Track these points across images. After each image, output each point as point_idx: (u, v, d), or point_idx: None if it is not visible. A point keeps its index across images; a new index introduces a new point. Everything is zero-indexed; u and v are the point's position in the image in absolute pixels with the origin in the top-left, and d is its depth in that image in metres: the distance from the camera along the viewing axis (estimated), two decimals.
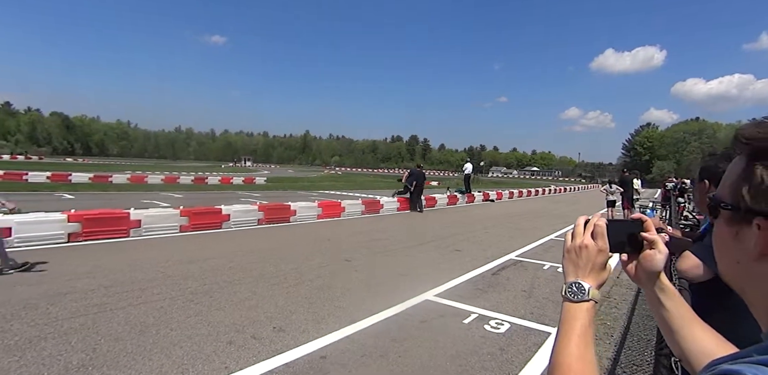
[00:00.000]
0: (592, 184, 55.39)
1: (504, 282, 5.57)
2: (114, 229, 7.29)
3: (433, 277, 5.59)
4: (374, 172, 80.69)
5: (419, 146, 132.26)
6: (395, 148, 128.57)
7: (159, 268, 5.48)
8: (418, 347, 3.38)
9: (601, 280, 0.77)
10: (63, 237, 6.74)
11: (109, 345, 3.18)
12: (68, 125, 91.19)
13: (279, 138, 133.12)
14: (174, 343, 3.26)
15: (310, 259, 6.39)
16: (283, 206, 10.35)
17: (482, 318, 4.13)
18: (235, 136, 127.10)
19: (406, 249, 7.52)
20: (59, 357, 2.96)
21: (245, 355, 3.11)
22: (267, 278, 5.26)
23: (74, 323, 3.56)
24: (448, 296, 4.81)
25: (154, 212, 8.07)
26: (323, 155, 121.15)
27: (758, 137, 0.50)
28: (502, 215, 14.37)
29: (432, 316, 4.14)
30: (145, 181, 22.93)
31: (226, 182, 25.40)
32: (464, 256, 7.16)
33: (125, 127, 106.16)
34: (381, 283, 5.27)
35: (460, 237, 9.16)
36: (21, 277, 4.81)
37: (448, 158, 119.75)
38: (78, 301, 4.12)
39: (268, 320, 3.83)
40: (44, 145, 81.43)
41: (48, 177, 20.32)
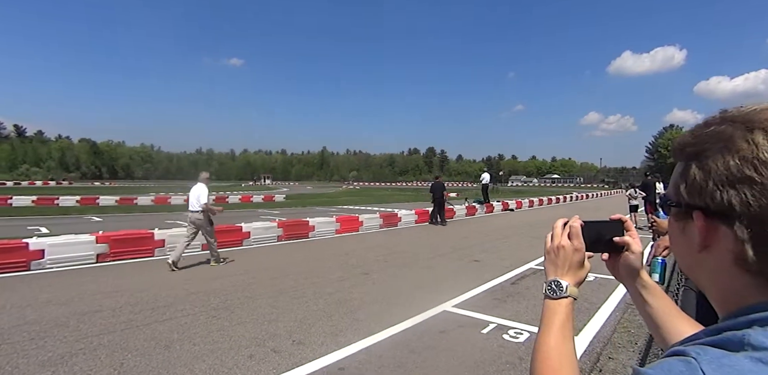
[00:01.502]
0: (616, 190, 54.09)
1: (523, 291, 5.52)
2: (139, 249, 7.53)
3: (451, 288, 5.58)
4: (392, 185, 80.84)
5: (437, 158, 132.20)
6: (412, 161, 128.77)
7: (183, 286, 5.63)
8: (436, 358, 3.38)
9: (579, 277, 0.82)
10: (92, 257, 7.00)
11: (135, 360, 3.30)
12: (95, 151, 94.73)
13: (297, 155, 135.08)
14: (197, 358, 3.35)
15: (329, 274, 6.46)
16: (301, 222, 10.49)
17: (501, 327, 4.10)
18: (254, 155, 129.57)
19: (425, 261, 7.52)
20: (89, 372, 3.08)
21: (265, 368, 3.17)
22: (286, 293, 5.35)
23: (103, 340, 3.70)
24: (466, 307, 4.80)
25: (177, 232, 8.31)
26: (341, 171, 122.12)
27: (692, 142, 0.56)
28: (521, 224, 14.20)
29: (450, 326, 4.14)
30: (168, 202, 23.60)
31: (247, 200, 25.87)
32: (483, 266, 7.12)
33: (149, 151, 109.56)
34: (399, 295, 5.28)
35: (478, 247, 9.10)
36: (52, 296, 5.02)
37: (466, 169, 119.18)
38: (106, 318, 4.27)
39: (287, 334, 3.90)
40: (74, 170, 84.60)
41: (77, 201, 21.16)
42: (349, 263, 7.28)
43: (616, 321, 4.38)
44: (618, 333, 4.05)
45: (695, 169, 0.53)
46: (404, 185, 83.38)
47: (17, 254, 6.32)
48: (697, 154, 0.53)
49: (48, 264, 6.56)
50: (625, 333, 4.05)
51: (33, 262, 6.44)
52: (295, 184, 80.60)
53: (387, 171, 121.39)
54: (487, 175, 19.61)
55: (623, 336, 3.96)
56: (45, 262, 6.55)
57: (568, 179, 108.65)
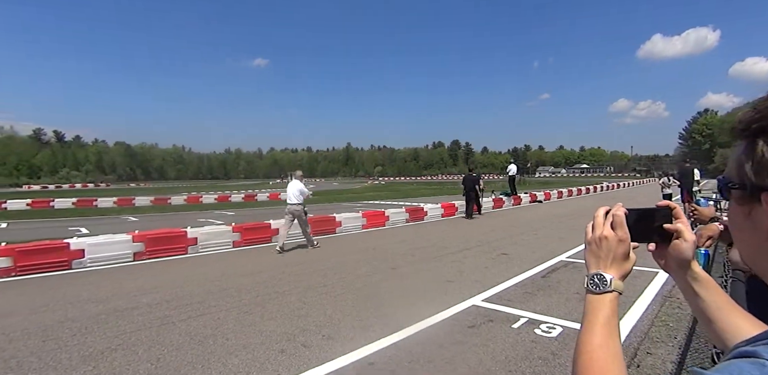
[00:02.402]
0: (649, 178, 52.16)
1: (555, 284, 5.38)
2: (174, 247, 7.76)
3: (480, 282, 5.51)
4: (417, 179, 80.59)
5: (461, 151, 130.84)
6: (437, 154, 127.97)
7: (215, 282, 5.77)
8: (466, 353, 3.34)
9: (624, 270, 0.76)
10: (129, 256, 7.26)
11: (171, 355, 3.39)
12: (130, 153, 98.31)
13: (322, 152, 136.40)
14: (230, 352, 3.42)
15: (357, 269, 6.48)
16: (328, 218, 10.57)
17: (532, 322, 4.01)
18: (281, 153, 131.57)
19: (452, 255, 7.44)
20: (128, 367, 3.19)
21: (296, 363, 3.20)
22: (315, 288, 5.40)
23: (140, 335, 3.83)
24: (496, 301, 4.72)
25: (209, 230, 8.52)
26: (366, 166, 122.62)
27: (756, 117, 0.50)
28: (550, 216, 13.88)
29: (480, 321, 4.08)
30: (200, 201, 24.28)
31: (275, 198, 26.26)
32: (512, 259, 6.99)
33: (180, 152, 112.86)
34: (427, 289, 5.25)
35: (507, 240, 8.94)
36: (92, 293, 5.24)
37: (492, 161, 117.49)
38: (143, 315, 4.42)
39: (317, 329, 3.93)
40: (110, 172, 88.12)
41: (115, 202, 22.04)
42: (377, 258, 7.29)
43: (653, 314, 4.22)
44: (656, 327, 3.89)
45: (763, 146, 0.47)
46: (429, 179, 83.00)
47: (60, 254, 6.63)
48: (764, 130, 0.48)
49: (88, 263, 6.85)
50: (663, 327, 3.89)
51: (74, 261, 6.74)
52: (321, 181, 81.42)
53: (411, 165, 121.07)
54: (513, 166, 19.22)
55: (661, 330, 3.81)
56: (85, 261, 6.84)
57: (597, 169, 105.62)
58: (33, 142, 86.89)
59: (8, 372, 3.13)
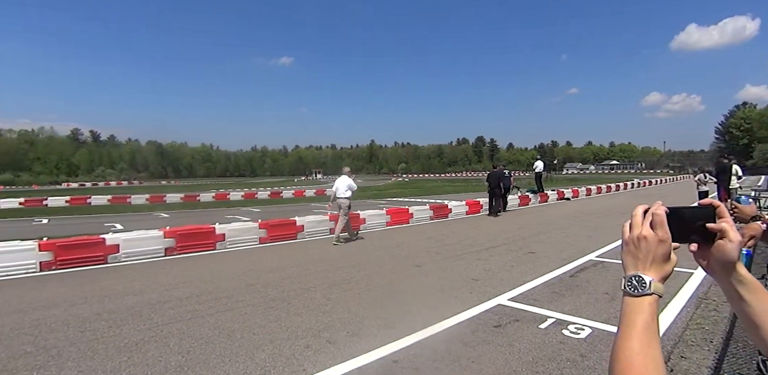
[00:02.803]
0: (683, 175, 50.16)
1: (583, 284, 5.25)
2: (203, 242, 7.97)
3: (505, 281, 5.43)
4: (441, 176, 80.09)
5: (486, 147, 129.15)
6: (461, 151, 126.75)
7: (243, 278, 5.89)
8: (491, 352, 3.30)
9: (664, 272, 0.73)
10: (161, 251, 7.50)
11: (201, 348, 3.49)
12: (162, 152, 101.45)
13: (346, 149, 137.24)
14: (257, 347, 3.49)
15: (381, 266, 6.49)
16: (352, 215, 10.59)
17: (560, 322, 3.92)
18: (305, 150, 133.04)
19: (477, 253, 7.36)
20: (160, 358, 3.29)
21: (322, 359, 3.24)
22: (340, 285, 5.44)
23: (172, 328, 3.95)
24: (522, 300, 4.64)
25: (237, 226, 8.70)
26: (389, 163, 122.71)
27: None
28: (579, 214, 13.54)
29: (506, 320, 4.02)
30: (227, 198, 24.83)
31: (299, 195, 26.68)
32: (539, 258, 6.86)
33: (209, 150, 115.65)
34: (452, 287, 5.21)
35: (533, 239, 8.78)
36: (127, 287, 5.43)
37: (518, 157, 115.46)
38: (174, 308, 4.56)
39: (342, 325, 3.96)
40: (143, 170, 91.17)
41: (147, 199, 22.82)
42: (401, 255, 7.29)
43: (688, 317, 4.06)
44: (690, 330, 3.75)
45: None
46: (453, 176, 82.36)
47: (96, 249, 6.90)
48: None
49: (123, 257, 7.11)
50: (698, 330, 3.73)
51: (110, 256, 7.01)
52: None
53: (435, 162, 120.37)
54: (540, 163, 18.81)
55: (696, 333, 3.66)
56: (120, 256, 7.10)
57: (628, 165, 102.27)
58: (71, 141, 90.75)
59: (50, 361, 3.29)
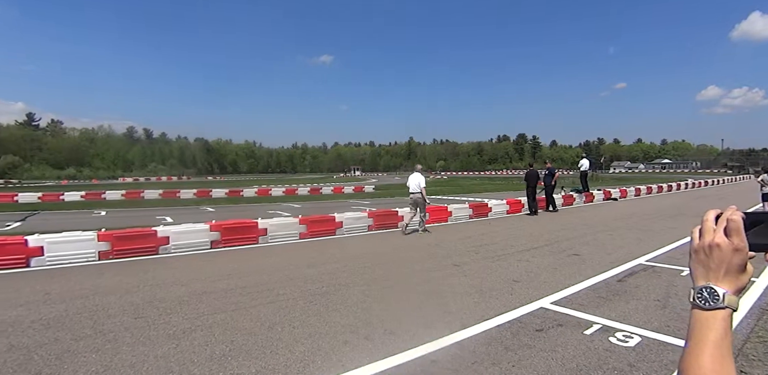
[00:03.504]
0: (742, 175, 46.67)
1: (632, 290, 4.99)
2: (246, 236, 8.24)
3: (548, 284, 5.26)
4: (481, 174, 78.77)
5: (528, 144, 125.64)
6: (502, 148, 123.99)
7: (283, 272, 6.04)
8: (533, 357, 3.20)
9: (740, 284, 0.67)
10: (207, 244, 7.81)
11: (244, 338, 3.60)
12: (208, 148, 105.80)
13: (384, 146, 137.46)
14: (296, 340, 3.56)
15: (419, 264, 6.46)
16: (390, 213, 10.64)
17: (607, 329, 3.75)
18: (345, 147, 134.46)
19: (518, 253, 7.18)
20: (206, 346, 3.43)
21: (359, 355, 3.26)
22: (378, 282, 5.46)
23: (217, 318, 4.11)
24: (566, 304, 4.47)
25: (278, 221, 8.93)
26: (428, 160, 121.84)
27: None
28: (627, 215, 12.91)
29: (549, 325, 3.89)
30: (269, 193, 25.57)
31: (338, 192, 27.02)
32: (584, 260, 6.59)
33: (252, 147, 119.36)
34: (492, 288, 5.10)
35: (578, 240, 8.46)
36: (176, 277, 5.71)
37: (562, 155, 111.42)
38: (219, 299, 4.74)
39: (379, 322, 3.97)
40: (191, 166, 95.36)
41: (194, 193, 23.87)
42: (439, 254, 7.22)
43: (748, 329, 3.77)
44: (751, 343, 3.48)
45: None
46: (493, 174, 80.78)
47: (148, 240, 7.29)
48: None
49: (172, 249, 7.47)
50: (760, 343, 3.46)
51: (161, 247, 7.38)
52: (384, 175, 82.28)
53: (475, 159, 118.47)
54: (585, 161, 18.05)
55: (758, 347, 3.39)
56: (170, 248, 7.46)
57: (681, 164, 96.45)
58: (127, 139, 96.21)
59: (106, 344, 3.50)
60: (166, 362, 3.16)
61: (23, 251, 6.37)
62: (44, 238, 6.57)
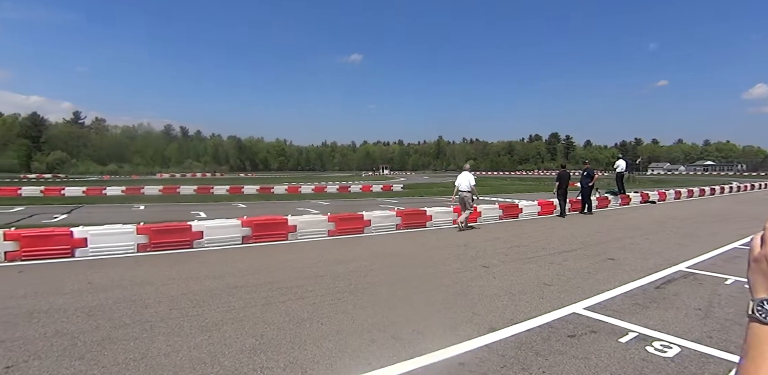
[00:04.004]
0: None
1: (671, 297, 4.77)
2: (276, 233, 8.39)
3: (581, 288, 5.10)
4: (511, 174, 77.40)
5: (560, 144, 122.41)
6: (533, 148, 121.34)
7: (312, 268, 6.11)
8: (565, 364, 3.10)
9: None
10: (239, 239, 8.00)
11: (273, 333, 3.66)
12: (241, 146, 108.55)
13: (413, 145, 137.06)
14: (324, 337, 3.59)
15: (447, 264, 6.41)
16: (419, 212, 10.60)
17: (643, 338, 3.60)
18: (373, 146, 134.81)
19: (550, 256, 7.00)
20: (236, 339, 3.51)
21: (386, 354, 3.25)
22: (405, 281, 5.45)
23: (247, 312, 4.20)
24: (600, 310, 4.32)
25: (307, 218, 9.05)
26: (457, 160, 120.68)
27: None
28: (666, 219, 12.37)
29: (581, 331, 3.77)
30: (299, 190, 25.94)
31: (367, 190, 27.14)
32: (619, 265, 6.36)
33: (282, 145, 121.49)
34: (522, 291, 5.00)
35: (613, 244, 8.17)
36: (209, 271, 5.87)
37: (596, 156, 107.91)
38: (250, 293, 4.84)
39: (407, 322, 3.95)
40: (224, 163, 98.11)
41: (227, 190, 24.50)
42: (468, 255, 7.13)
43: None
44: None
45: None
46: (524, 174, 79.19)
47: (183, 234, 7.54)
48: None
49: (206, 243, 7.69)
50: None
51: (195, 241, 7.62)
52: (412, 174, 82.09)
53: (506, 159, 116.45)
54: (622, 162, 17.40)
55: None
56: (204, 242, 7.69)
57: (725, 166, 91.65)
58: (164, 136, 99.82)
59: (143, 333, 3.64)
60: (198, 353, 3.25)
61: (69, 242, 6.71)
62: (88, 230, 6.90)
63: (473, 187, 9.96)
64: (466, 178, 10.05)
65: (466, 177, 10.07)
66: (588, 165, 14.85)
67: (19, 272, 5.82)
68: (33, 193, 21.24)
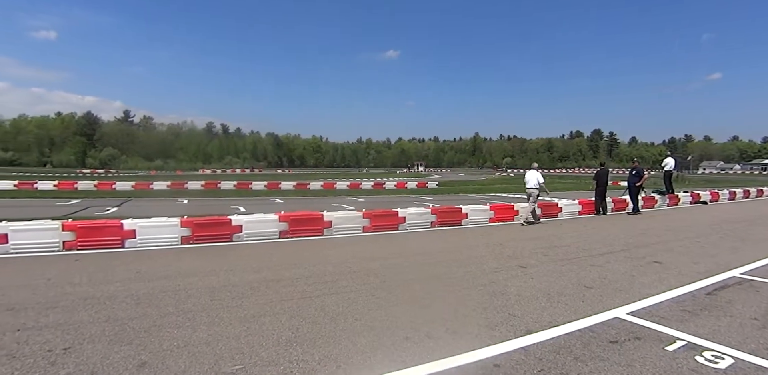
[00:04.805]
0: None
1: (724, 305, 4.49)
2: (312, 228, 8.53)
3: (625, 292, 4.88)
4: (551, 172, 75.24)
5: (603, 141, 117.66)
6: (574, 145, 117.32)
7: (347, 264, 6.17)
8: (606, 371, 2.98)
9: None
10: (276, 234, 8.20)
11: (308, 327, 3.73)
12: (278, 143, 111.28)
13: (449, 142, 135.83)
14: (358, 333, 3.62)
15: (483, 263, 6.30)
16: (454, 209, 10.48)
17: (693, 347, 3.40)
18: (408, 142, 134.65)
19: (591, 258, 6.75)
20: (273, 332, 3.60)
21: (420, 352, 3.24)
22: (440, 279, 5.40)
23: (284, 305, 4.29)
24: (645, 316, 4.12)
25: (343, 214, 9.14)
26: (494, 157, 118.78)
27: None
28: (719, 221, 11.63)
29: (624, 337, 3.61)
30: (334, 187, 26.31)
31: (401, 187, 27.17)
32: (666, 269, 6.05)
33: (319, 142, 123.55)
34: (561, 293, 4.84)
35: (659, 246, 7.77)
36: (248, 264, 6.05)
37: (642, 153, 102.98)
38: (286, 287, 4.95)
39: (441, 321, 3.92)
40: (262, 159, 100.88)
41: (265, 185, 25.19)
42: (504, 254, 6.99)
43: None
44: None
45: None
46: (564, 172, 76.75)
47: (224, 228, 7.80)
48: None
49: (245, 237, 7.93)
50: None
51: (234, 235, 7.86)
52: (447, 171, 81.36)
53: (544, 156, 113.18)
54: (671, 160, 16.46)
55: None
56: (243, 236, 7.93)
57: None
58: (206, 133, 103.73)
59: (186, 322, 3.79)
60: (237, 343, 3.35)
61: (119, 234, 7.10)
62: (136, 223, 7.27)
63: (541, 184, 10.59)
64: (533, 175, 10.69)
65: (533, 174, 10.71)
66: (637, 163, 14.26)
67: (76, 260, 6.22)
68: (87, 187, 22.63)
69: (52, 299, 4.39)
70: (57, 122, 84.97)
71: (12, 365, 2.93)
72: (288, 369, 2.95)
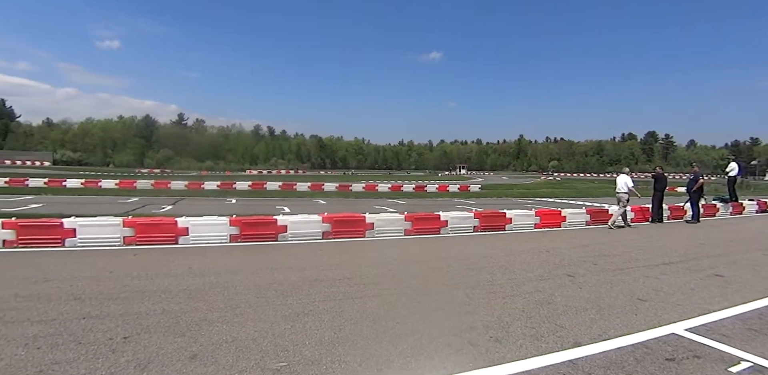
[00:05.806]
0: None
1: None
2: (354, 229, 8.63)
3: (682, 307, 4.59)
4: (599, 177, 71.92)
5: (659, 144, 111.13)
6: (626, 148, 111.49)
7: (388, 266, 6.20)
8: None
9: None
10: (319, 234, 8.36)
11: (350, 328, 3.77)
12: (321, 145, 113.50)
13: (492, 145, 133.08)
14: (399, 336, 3.62)
15: (528, 271, 6.13)
16: (498, 214, 10.26)
17: (760, 369, 3.13)
18: (450, 145, 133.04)
19: (645, 268, 6.39)
20: (316, 331, 3.67)
21: (462, 360, 3.19)
22: (483, 286, 5.30)
23: (326, 305, 4.37)
24: (705, 333, 3.85)
25: (384, 217, 9.19)
26: (539, 160, 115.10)
27: None
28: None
29: (682, 354, 3.38)
30: (376, 189, 26.49)
31: (443, 190, 26.94)
32: (729, 283, 5.62)
33: (361, 144, 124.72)
34: (612, 305, 4.62)
35: (722, 259, 7.24)
36: (292, 263, 6.21)
37: (701, 157, 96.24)
38: (328, 287, 5.04)
39: (484, 328, 3.85)
40: (306, 161, 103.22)
41: (308, 187, 25.77)
42: (550, 262, 6.76)
43: None
44: None
45: None
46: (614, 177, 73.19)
47: (270, 228, 8.05)
48: None
49: (289, 237, 8.14)
50: None
51: (280, 235, 8.10)
52: (491, 174, 79.84)
53: (594, 160, 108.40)
54: (735, 165, 15.29)
55: None
56: (287, 235, 8.15)
57: None
58: (254, 135, 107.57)
59: (234, 318, 3.95)
60: (282, 341, 3.45)
61: (173, 230, 7.50)
62: (189, 221, 7.66)
63: (631, 188, 10.93)
64: (623, 180, 11.09)
65: (623, 179, 11.10)
66: (696, 168, 13.40)
67: (134, 255, 6.64)
68: (145, 186, 24.12)
69: (114, 291, 4.70)
70: (119, 125, 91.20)
71: (78, 351, 3.16)
72: (330, 369, 3.00)
